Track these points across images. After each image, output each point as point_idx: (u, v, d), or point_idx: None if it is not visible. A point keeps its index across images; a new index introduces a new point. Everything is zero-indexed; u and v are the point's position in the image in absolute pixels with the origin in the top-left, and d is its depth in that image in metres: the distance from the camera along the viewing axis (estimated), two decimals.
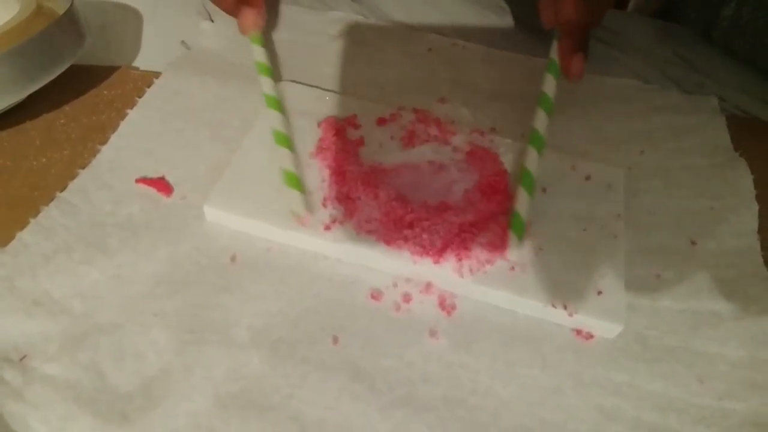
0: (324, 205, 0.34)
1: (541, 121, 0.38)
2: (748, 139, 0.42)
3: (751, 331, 0.32)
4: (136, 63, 0.43)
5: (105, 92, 0.40)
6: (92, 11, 0.44)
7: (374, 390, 0.29)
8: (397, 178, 0.36)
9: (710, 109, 0.44)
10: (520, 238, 0.33)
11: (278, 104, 0.38)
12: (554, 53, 0.42)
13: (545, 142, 0.37)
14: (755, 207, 0.37)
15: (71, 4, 0.38)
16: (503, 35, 0.49)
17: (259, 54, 0.42)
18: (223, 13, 0.46)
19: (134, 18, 0.47)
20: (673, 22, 0.53)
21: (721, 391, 0.30)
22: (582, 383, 0.30)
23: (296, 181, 0.34)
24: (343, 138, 0.38)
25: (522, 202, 0.34)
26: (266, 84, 0.39)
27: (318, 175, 0.35)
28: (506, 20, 0.51)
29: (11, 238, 0.32)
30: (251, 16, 0.41)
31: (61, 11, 0.37)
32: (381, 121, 0.39)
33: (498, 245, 0.33)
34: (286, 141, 0.36)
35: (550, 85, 0.40)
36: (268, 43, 0.45)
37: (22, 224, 0.33)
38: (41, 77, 0.36)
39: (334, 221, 0.33)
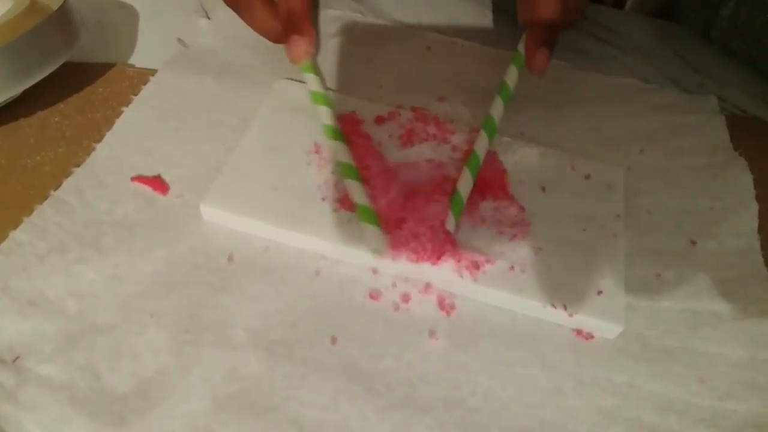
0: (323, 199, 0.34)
1: (496, 108, 0.39)
2: (747, 138, 0.42)
3: (751, 331, 0.32)
4: (132, 60, 0.43)
5: (100, 90, 0.40)
6: (88, 8, 0.43)
7: (373, 391, 0.29)
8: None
9: (710, 108, 0.44)
10: (457, 217, 0.33)
11: (338, 134, 0.37)
12: (522, 46, 0.42)
13: (496, 128, 0.38)
14: (755, 207, 0.37)
15: (65, 0, 0.37)
16: (502, 34, 0.49)
17: (313, 83, 0.40)
18: (220, 11, 0.46)
19: (130, 15, 0.46)
20: (671, 22, 0.53)
21: (721, 391, 0.30)
22: (582, 384, 0.30)
23: (373, 216, 0.33)
24: (360, 132, 0.37)
25: (464, 183, 0.34)
26: (324, 114, 0.38)
27: (318, 172, 0.35)
28: (505, 19, 0.51)
29: (4, 237, 0.32)
30: (302, 45, 0.39)
31: (55, 7, 0.37)
32: (379, 120, 0.39)
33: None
34: (354, 173, 0.35)
35: (512, 76, 0.41)
36: (265, 41, 0.44)
37: (16, 223, 0.32)
38: (35, 73, 0.35)
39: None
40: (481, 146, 0.36)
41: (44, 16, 0.35)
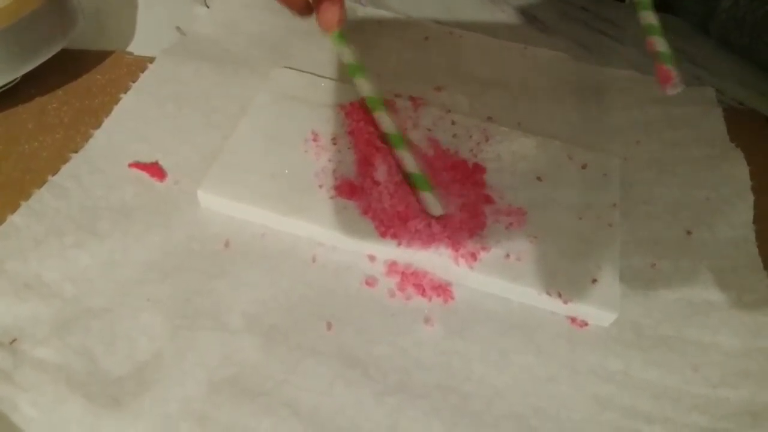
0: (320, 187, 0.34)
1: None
2: (744, 130, 0.42)
3: (745, 320, 0.32)
4: (131, 48, 0.43)
5: (98, 77, 0.40)
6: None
7: (368, 376, 0.29)
8: None
9: (707, 100, 0.44)
10: (676, 66, 0.34)
11: (382, 104, 0.37)
12: None
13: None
14: (750, 198, 0.37)
15: None
16: (500, 24, 0.49)
17: (346, 55, 0.38)
18: (219, 0, 0.46)
19: (129, 3, 0.46)
20: (671, 14, 0.53)
21: (715, 379, 0.30)
22: (576, 371, 0.30)
23: (427, 183, 0.34)
24: (371, 121, 0.37)
25: (661, 44, 0.35)
26: (363, 86, 0.37)
27: (315, 160, 0.35)
28: (503, 9, 0.51)
29: (2, 221, 0.32)
30: (335, 11, 0.37)
31: None
32: None
33: None
34: (403, 142, 0.35)
35: None
36: (263, 29, 0.44)
37: (14, 207, 0.32)
38: (33, 58, 0.35)
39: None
40: (652, 18, 0.36)
41: (42, 2, 0.35)
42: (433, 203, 0.33)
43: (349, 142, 0.36)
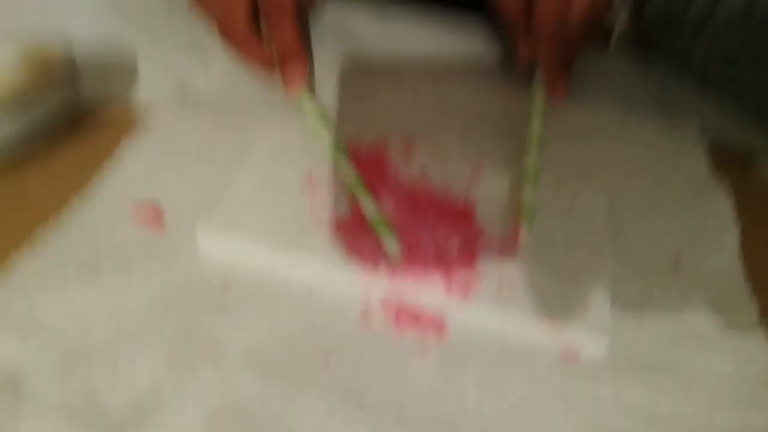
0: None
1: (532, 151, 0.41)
2: (727, 164, 0.43)
3: (735, 345, 0.32)
4: (133, 97, 0.44)
5: (101, 123, 0.42)
6: (89, 47, 0.45)
7: (364, 411, 0.29)
8: None
9: (690, 137, 0.46)
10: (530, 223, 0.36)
11: (345, 152, 0.38)
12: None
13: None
14: (735, 230, 0.39)
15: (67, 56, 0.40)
16: (492, 65, 0.51)
17: (311, 109, 0.39)
18: (219, 48, 0.48)
19: (130, 54, 0.48)
20: (651, 52, 0.55)
21: (706, 405, 0.30)
22: (569, 400, 0.30)
23: (386, 226, 0.34)
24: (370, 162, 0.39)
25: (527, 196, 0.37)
26: (327, 136, 0.39)
27: (314, 200, 0.36)
28: (494, 50, 0.52)
29: (5, 261, 0.33)
30: (298, 70, 0.37)
31: (54, 51, 0.39)
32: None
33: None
34: (363, 187, 0.36)
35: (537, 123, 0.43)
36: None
37: (17, 248, 0.33)
38: (38, 137, 0.38)
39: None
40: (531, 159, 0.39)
41: (47, 73, 0.38)
42: (390, 244, 0.34)
43: (346, 183, 0.37)
